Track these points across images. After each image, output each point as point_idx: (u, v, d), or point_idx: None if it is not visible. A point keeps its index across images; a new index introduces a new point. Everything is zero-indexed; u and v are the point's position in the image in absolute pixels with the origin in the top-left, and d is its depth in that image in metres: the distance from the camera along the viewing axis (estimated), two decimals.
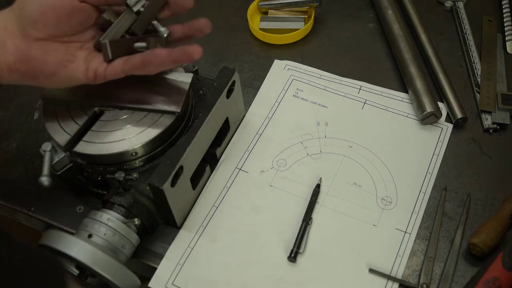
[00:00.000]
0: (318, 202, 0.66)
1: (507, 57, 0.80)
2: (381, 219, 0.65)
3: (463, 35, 0.82)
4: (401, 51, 0.77)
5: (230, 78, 0.66)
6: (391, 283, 0.60)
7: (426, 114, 0.71)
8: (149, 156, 0.63)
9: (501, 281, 0.56)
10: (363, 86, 0.78)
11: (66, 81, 0.57)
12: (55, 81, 0.56)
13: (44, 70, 0.55)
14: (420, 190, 0.67)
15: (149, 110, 0.63)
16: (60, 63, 0.55)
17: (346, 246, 0.63)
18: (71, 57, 0.56)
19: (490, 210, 0.65)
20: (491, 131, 0.72)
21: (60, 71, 0.55)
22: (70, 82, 0.57)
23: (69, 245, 0.55)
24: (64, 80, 0.56)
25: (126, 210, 0.60)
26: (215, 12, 0.89)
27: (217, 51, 0.84)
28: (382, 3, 0.84)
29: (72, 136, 0.61)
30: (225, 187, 0.68)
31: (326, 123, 0.74)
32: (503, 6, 0.85)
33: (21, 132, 0.76)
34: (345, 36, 0.85)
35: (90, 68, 0.56)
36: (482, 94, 0.74)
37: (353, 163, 0.70)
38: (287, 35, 0.83)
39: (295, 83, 0.78)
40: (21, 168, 0.72)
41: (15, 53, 0.53)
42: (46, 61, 0.54)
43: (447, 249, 0.62)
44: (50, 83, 0.56)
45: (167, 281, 0.62)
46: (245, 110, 0.76)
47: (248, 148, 0.72)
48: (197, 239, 0.65)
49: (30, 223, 0.71)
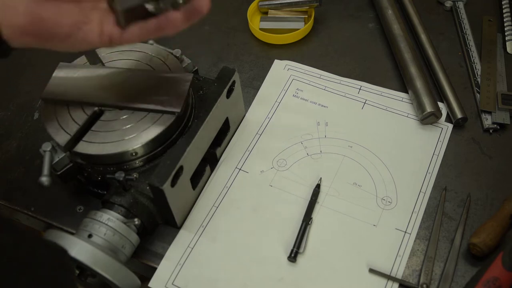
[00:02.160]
0: (318, 202, 0.66)
1: (507, 57, 0.80)
2: (381, 219, 0.65)
3: (463, 35, 0.82)
4: (401, 51, 0.77)
5: (230, 78, 0.66)
6: (391, 283, 0.60)
7: (426, 114, 0.71)
8: (149, 156, 0.63)
9: (501, 281, 0.56)
10: (363, 86, 0.78)
11: (81, 44, 0.54)
12: (69, 44, 0.53)
13: (59, 32, 0.52)
14: (420, 190, 0.67)
15: (149, 110, 0.63)
16: (75, 24, 0.52)
17: (346, 246, 0.63)
18: (85, 18, 0.53)
19: (490, 210, 0.65)
20: (491, 131, 0.72)
21: (75, 33, 0.52)
22: (84, 46, 0.54)
23: (69, 245, 0.55)
24: (78, 42, 0.53)
25: (126, 210, 0.60)
26: (215, 12, 0.89)
27: (217, 51, 0.84)
28: (382, 3, 0.84)
29: (72, 136, 0.61)
30: (225, 187, 0.68)
31: (326, 123, 0.74)
32: (503, 6, 0.85)
33: (21, 132, 0.76)
34: (345, 36, 0.85)
35: (104, 31, 0.54)
36: (482, 94, 0.74)
37: (353, 163, 0.70)
38: (287, 35, 0.83)
39: (295, 83, 0.78)
40: (21, 168, 0.72)
41: (27, 15, 0.50)
42: (60, 23, 0.52)
43: (447, 249, 0.62)
44: (64, 46, 0.54)
45: (167, 281, 0.62)
46: (245, 110, 0.76)
47: (248, 148, 0.72)
48: (197, 239, 0.65)
49: (30, 223, 0.71)
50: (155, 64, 0.68)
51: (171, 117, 0.62)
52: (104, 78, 0.65)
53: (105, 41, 0.54)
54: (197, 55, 0.81)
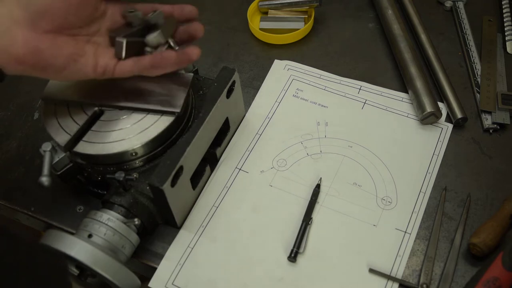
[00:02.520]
0: (318, 202, 0.66)
1: (507, 57, 0.80)
2: (381, 219, 0.65)
3: (463, 35, 0.82)
4: (401, 51, 0.77)
5: (230, 78, 0.66)
6: (391, 283, 0.60)
7: (426, 114, 0.71)
8: (149, 156, 0.63)
9: (501, 281, 0.56)
10: (363, 86, 0.78)
11: (75, 75, 0.56)
12: (64, 74, 0.55)
13: (54, 63, 0.54)
14: (420, 190, 0.67)
15: (149, 110, 0.63)
16: (70, 56, 0.54)
17: (346, 246, 0.63)
18: (80, 51, 0.55)
19: (490, 210, 0.65)
20: (491, 131, 0.72)
21: (70, 65, 0.55)
22: (79, 76, 0.56)
23: (69, 245, 0.55)
24: (73, 74, 0.56)
25: (126, 210, 0.60)
26: (215, 12, 0.89)
27: (217, 51, 0.84)
28: (382, 3, 0.84)
29: (72, 136, 0.61)
30: (225, 187, 0.68)
31: (326, 123, 0.74)
32: (503, 6, 0.85)
33: (21, 132, 0.76)
34: (345, 36, 0.85)
35: (99, 63, 0.56)
36: (482, 94, 0.74)
37: (353, 163, 0.70)
38: (287, 35, 0.83)
39: (295, 83, 0.78)
40: (21, 168, 0.72)
41: (24, 45, 0.52)
42: (56, 55, 0.54)
43: (447, 249, 0.62)
44: (59, 76, 0.56)
45: (167, 281, 0.62)
46: (245, 110, 0.76)
47: (248, 148, 0.72)
48: (197, 239, 0.65)
49: (30, 223, 0.71)
50: None
51: (171, 117, 0.62)
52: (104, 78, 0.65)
53: (99, 73, 0.57)
54: None
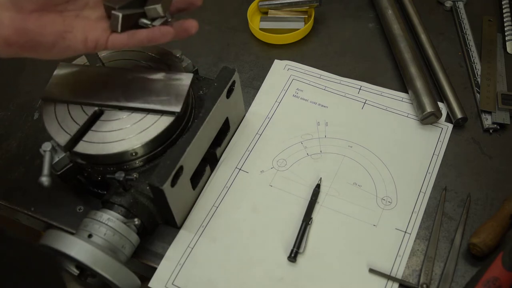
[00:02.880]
0: (318, 202, 0.66)
1: (507, 57, 0.80)
2: (381, 219, 0.65)
3: (463, 35, 0.82)
4: (401, 51, 0.77)
5: (230, 78, 0.66)
6: (391, 283, 0.60)
7: (426, 114, 0.71)
8: (149, 156, 0.63)
9: (501, 281, 0.56)
10: (363, 86, 0.78)
11: (65, 52, 0.56)
12: (54, 52, 0.55)
13: (43, 42, 0.54)
14: (420, 190, 0.67)
15: (149, 110, 0.63)
16: (59, 34, 0.54)
17: (346, 246, 0.63)
18: (68, 27, 0.55)
19: (490, 210, 0.65)
20: (491, 131, 0.72)
21: (59, 42, 0.54)
22: (70, 53, 0.56)
23: (69, 245, 0.55)
24: (63, 51, 0.55)
25: (126, 210, 0.60)
26: (215, 12, 0.89)
27: (217, 51, 0.84)
28: (382, 3, 0.84)
29: (72, 136, 0.61)
30: (225, 187, 0.68)
31: (326, 123, 0.74)
32: (503, 6, 0.85)
33: (21, 132, 0.76)
34: (345, 36, 0.85)
35: (89, 38, 0.55)
36: (482, 94, 0.74)
37: (353, 163, 0.70)
38: (287, 35, 0.83)
39: (295, 83, 0.78)
40: (21, 168, 0.72)
41: (11, 26, 0.52)
42: (44, 33, 0.53)
43: (447, 249, 0.62)
44: (50, 54, 0.56)
45: (167, 281, 0.62)
46: (245, 110, 0.76)
47: (248, 148, 0.72)
48: (197, 239, 0.65)
49: (30, 223, 0.71)
50: (155, 64, 0.68)
51: (171, 117, 0.62)
52: (104, 78, 0.65)
53: (90, 48, 0.56)
54: (197, 55, 0.81)
